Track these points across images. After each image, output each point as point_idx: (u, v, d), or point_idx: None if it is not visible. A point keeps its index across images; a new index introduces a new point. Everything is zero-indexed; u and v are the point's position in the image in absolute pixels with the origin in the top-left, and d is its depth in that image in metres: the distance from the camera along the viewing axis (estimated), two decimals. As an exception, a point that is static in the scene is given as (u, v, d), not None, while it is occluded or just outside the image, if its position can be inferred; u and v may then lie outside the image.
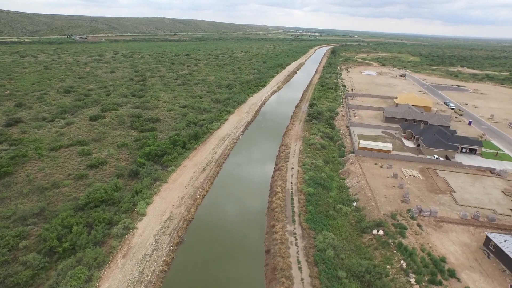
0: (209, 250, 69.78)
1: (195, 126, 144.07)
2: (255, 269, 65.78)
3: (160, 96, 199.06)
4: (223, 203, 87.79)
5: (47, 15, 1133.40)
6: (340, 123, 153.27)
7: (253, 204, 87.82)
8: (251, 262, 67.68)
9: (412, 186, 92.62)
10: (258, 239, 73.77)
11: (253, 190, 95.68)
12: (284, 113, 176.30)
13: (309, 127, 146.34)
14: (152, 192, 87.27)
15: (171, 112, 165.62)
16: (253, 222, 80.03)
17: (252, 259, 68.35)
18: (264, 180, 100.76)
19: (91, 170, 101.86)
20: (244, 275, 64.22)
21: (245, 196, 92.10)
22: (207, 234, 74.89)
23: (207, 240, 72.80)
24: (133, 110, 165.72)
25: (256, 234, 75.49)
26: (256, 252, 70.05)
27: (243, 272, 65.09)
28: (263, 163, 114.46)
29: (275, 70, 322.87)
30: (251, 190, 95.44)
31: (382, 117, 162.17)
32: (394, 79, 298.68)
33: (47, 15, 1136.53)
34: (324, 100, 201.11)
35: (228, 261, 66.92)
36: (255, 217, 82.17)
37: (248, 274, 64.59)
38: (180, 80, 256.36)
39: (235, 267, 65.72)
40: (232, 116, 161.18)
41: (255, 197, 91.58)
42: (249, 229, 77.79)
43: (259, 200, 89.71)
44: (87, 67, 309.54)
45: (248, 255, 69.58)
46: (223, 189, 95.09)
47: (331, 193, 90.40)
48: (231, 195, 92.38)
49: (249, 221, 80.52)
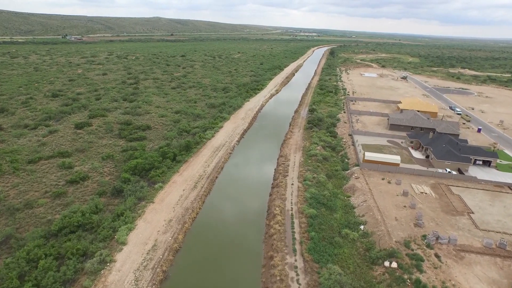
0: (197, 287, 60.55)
1: (187, 134, 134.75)
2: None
3: (152, 100, 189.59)
4: (214, 228, 78.18)
5: (42, 14, 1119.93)
6: (342, 131, 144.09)
7: (248, 229, 78.21)
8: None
9: (425, 206, 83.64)
10: (254, 274, 64.33)
11: (248, 211, 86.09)
12: (283, 119, 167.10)
13: (309, 135, 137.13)
14: (135, 214, 77.85)
15: (162, 119, 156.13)
16: (248, 252, 70.52)
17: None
18: (261, 199, 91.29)
19: (71, 187, 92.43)
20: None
21: (240, 219, 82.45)
22: (195, 267, 65.43)
23: (195, 275, 63.40)
24: (122, 117, 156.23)
25: (252, 267, 66.03)
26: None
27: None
28: (260, 177, 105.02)
29: (273, 72, 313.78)
30: (247, 211, 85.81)
31: (386, 124, 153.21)
32: (395, 81, 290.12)
33: (42, 14, 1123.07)
34: (324, 104, 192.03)
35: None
36: (250, 245, 72.64)
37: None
38: (174, 82, 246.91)
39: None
40: (227, 123, 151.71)
41: (250, 220, 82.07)
42: (244, 260, 68.32)
43: (255, 223, 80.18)
44: (79, 69, 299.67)
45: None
46: (215, 211, 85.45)
47: (336, 214, 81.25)
48: (224, 217, 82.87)
49: (243, 250, 71.00)
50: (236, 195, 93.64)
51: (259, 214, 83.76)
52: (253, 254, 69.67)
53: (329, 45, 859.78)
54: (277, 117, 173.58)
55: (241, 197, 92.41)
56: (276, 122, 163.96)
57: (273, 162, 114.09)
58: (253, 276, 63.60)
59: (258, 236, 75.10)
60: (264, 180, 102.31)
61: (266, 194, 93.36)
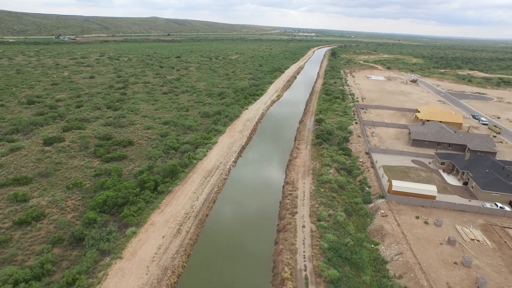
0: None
1: (175, 152, 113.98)
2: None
3: (139, 108, 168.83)
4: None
5: (37, 14, 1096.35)
6: (356, 147, 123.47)
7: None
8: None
9: (483, 263, 63.13)
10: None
11: (247, 271, 64.56)
12: (286, 132, 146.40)
13: (319, 153, 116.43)
14: (94, 281, 57.08)
15: (148, 132, 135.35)
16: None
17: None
18: (264, 249, 69.88)
19: (19, 230, 71.74)
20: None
21: (236, 286, 61.46)
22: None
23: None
24: (102, 129, 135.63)
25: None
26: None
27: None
28: (262, 215, 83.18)
29: (273, 75, 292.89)
30: (245, 272, 64.21)
31: (407, 139, 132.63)
32: (405, 85, 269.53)
33: (37, 14, 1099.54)
34: (332, 113, 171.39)
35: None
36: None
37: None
38: (166, 87, 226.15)
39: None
40: (222, 137, 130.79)
41: (250, 287, 61.08)
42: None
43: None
44: (65, 71, 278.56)
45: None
46: (203, 270, 63.76)
47: (364, 276, 60.53)
48: (214, 283, 61.62)
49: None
50: (230, 245, 71.33)
51: (262, 275, 62.73)
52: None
53: (329, 46, 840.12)
54: (279, 128, 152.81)
55: (237, 248, 70.32)
56: (279, 135, 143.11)
57: (278, 192, 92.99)
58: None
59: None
60: (267, 219, 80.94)
61: (270, 240, 72.24)
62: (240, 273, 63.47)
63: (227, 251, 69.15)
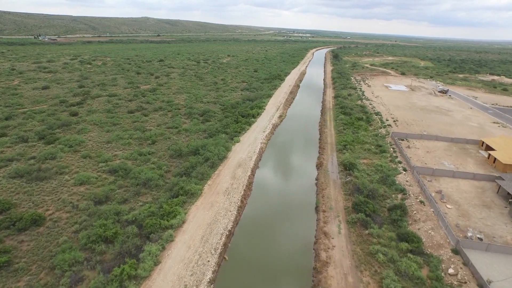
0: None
1: (107, 248, 61.85)
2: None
3: (85, 141, 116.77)
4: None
5: (18, 13, 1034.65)
6: (427, 231, 71.12)
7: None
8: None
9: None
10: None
11: None
12: (300, 188, 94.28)
13: (364, 248, 64.72)
14: None
15: (80, 191, 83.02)
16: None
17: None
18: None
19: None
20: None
21: None
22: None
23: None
24: (7, 187, 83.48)
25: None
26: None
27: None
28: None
29: (272, 84, 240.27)
30: None
31: (502, 203, 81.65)
32: (436, 98, 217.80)
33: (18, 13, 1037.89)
34: (361, 148, 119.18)
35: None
36: None
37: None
38: (135, 102, 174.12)
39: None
40: (196, 208, 77.31)
41: None
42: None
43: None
44: (17, 78, 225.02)
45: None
46: None
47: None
48: None
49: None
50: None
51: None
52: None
53: (327, 47, 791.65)
54: (288, 181, 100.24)
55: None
56: (289, 199, 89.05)
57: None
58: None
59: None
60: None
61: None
62: None
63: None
